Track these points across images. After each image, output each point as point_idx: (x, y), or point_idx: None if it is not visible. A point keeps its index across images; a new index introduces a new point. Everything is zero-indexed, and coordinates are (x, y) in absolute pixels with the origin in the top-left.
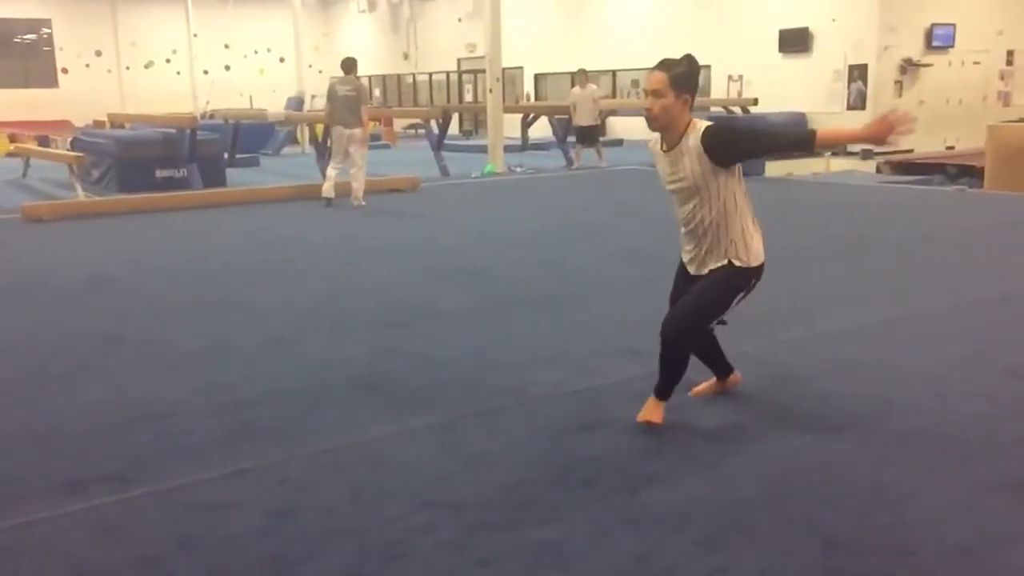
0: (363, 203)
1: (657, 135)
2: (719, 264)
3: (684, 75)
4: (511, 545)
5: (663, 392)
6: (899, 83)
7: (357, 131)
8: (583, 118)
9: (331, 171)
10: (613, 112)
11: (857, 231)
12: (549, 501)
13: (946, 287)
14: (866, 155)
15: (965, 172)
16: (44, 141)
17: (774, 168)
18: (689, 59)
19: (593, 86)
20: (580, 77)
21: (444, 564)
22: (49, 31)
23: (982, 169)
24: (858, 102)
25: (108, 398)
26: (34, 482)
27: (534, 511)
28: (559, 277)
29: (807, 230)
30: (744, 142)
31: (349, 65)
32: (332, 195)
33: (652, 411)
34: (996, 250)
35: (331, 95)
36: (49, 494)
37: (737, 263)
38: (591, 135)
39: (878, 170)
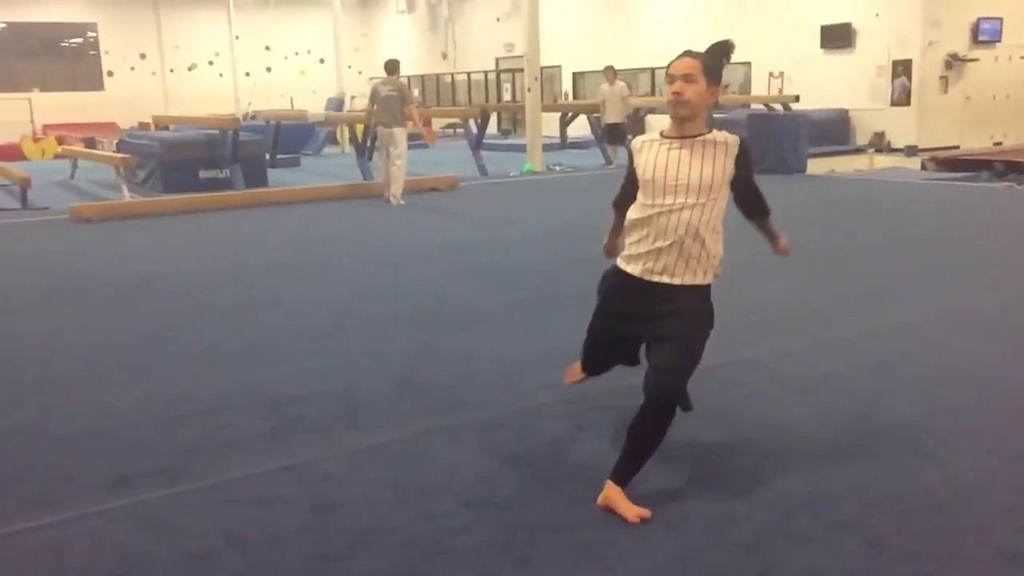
0: (402, 202)
1: (650, 136)
2: (702, 282)
3: (714, 65)
4: (552, 545)
5: (629, 476)
6: (944, 78)
7: (396, 130)
8: (612, 116)
9: (382, 173)
10: (652, 110)
11: (901, 228)
12: (590, 501)
13: (991, 285)
14: (910, 152)
15: (1013, 168)
16: (91, 143)
17: (816, 165)
18: (717, 48)
19: (622, 83)
20: (608, 74)
21: (485, 563)
22: (95, 35)
23: None
24: (902, 98)
25: (154, 395)
26: (84, 477)
27: (574, 512)
28: (596, 274)
29: (850, 227)
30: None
31: (392, 67)
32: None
33: (622, 501)
34: None
35: (374, 96)
36: (98, 489)
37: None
38: (619, 133)
39: (923, 167)
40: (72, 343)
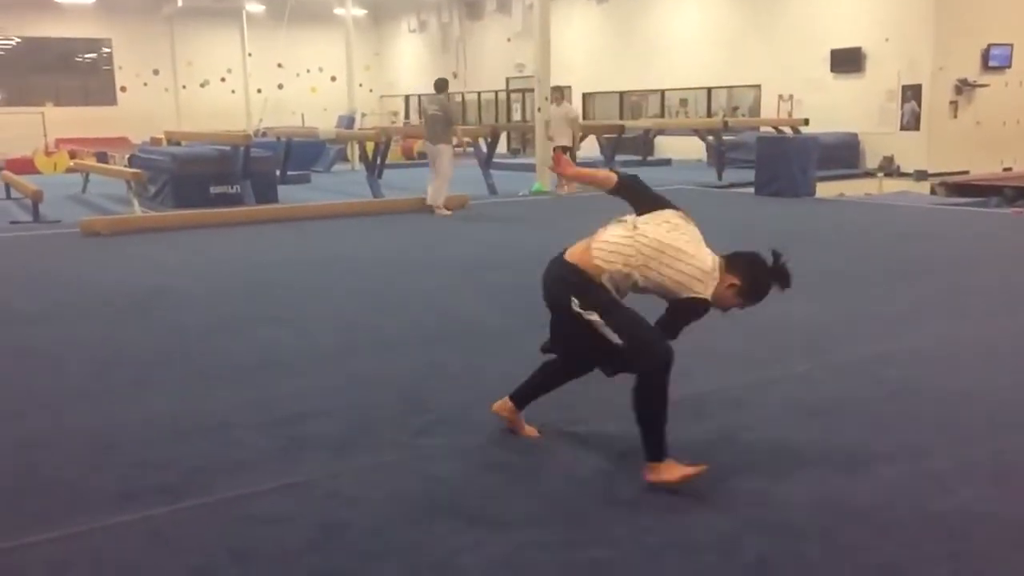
0: (446, 212)
1: None
2: None
3: None
4: (559, 564)
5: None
6: (954, 103)
7: (440, 146)
8: (557, 138)
9: (430, 186)
10: (661, 131)
11: (910, 253)
12: (597, 521)
13: (1001, 311)
14: (920, 176)
15: (1022, 194)
16: (103, 157)
17: (825, 188)
18: None
19: (569, 104)
20: (555, 94)
21: None
22: (109, 50)
23: None
24: (912, 122)
25: (163, 410)
26: (90, 492)
27: (582, 531)
28: None
29: (860, 251)
30: None
31: (440, 85)
32: (445, 211)
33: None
34: None
35: (423, 112)
36: (104, 504)
37: None
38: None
39: (932, 191)
40: (81, 357)
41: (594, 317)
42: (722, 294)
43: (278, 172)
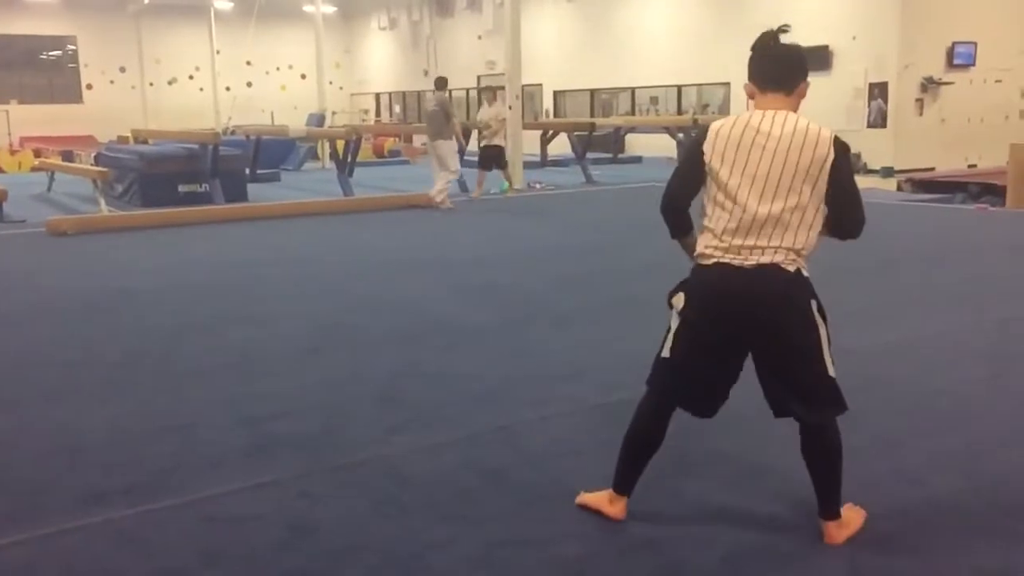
0: (449, 205)
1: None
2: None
3: None
4: (533, 561)
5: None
6: (920, 101)
7: (439, 143)
8: (491, 138)
9: (440, 182)
10: (632, 129)
11: (879, 249)
12: (571, 517)
13: (968, 306)
14: (887, 173)
15: (987, 191)
16: (68, 156)
17: None
18: None
19: (501, 104)
20: (487, 94)
21: None
22: (74, 48)
23: (1004, 188)
24: (879, 120)
25: (132, 411)
26: (58, 493)
27: (556, 527)
28: (578, 293)
29: (828, 248)
30: None
31: (440, 83)
32: (449, 204)
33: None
34: (1019, 268)
35: (424, 110)
36: (73, 505)
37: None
38: (497, 157)
39: (899, 188)
40: (48, 358)
41: (823, 331)
42: (804, 93)
43: (247, 170)
